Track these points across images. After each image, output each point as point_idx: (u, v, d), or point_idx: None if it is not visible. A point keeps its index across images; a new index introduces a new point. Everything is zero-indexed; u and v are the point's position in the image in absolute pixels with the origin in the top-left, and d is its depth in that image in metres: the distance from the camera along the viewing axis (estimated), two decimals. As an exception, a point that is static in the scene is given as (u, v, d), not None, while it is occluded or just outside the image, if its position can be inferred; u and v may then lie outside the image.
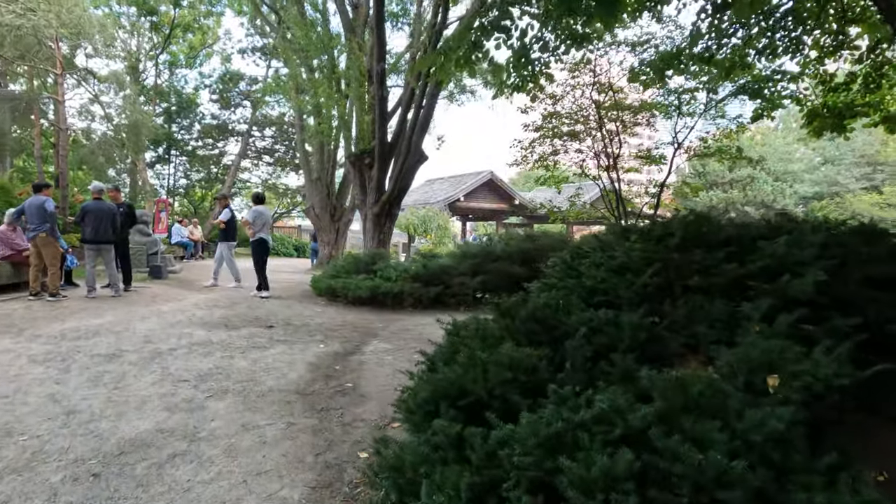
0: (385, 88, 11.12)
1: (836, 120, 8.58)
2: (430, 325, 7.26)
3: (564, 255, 3.92)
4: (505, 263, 8.34)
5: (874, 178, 38.68)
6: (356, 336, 6.48)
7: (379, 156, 11.31)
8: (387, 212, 11.84)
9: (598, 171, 11.01)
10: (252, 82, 25.95)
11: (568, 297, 3.31)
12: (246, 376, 4.74)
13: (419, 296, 8.23)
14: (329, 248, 16.44)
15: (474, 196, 33.59)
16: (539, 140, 11.46)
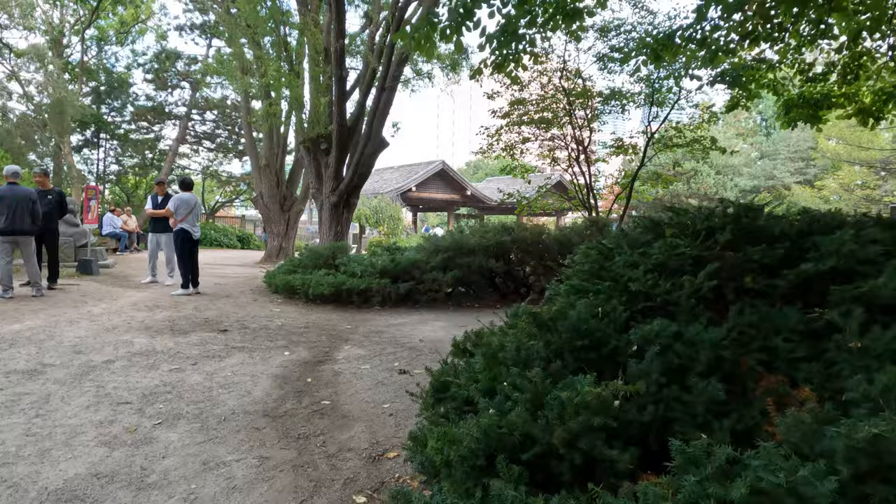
0: (344, 68, 10.33)
1: (811, 111, 8.45)
2: (402, 325, 6.63)
3: (590, 253, 3.36)
4: (480, 257, 7.79)
5: (807, 172, 40.54)
6: (324, 340, 5.77)
7: (337, 141, 10.52)
8: (345, 201, 11.07)
9: (570, 160, 10.62)
10: (191, 62, 24.27)
11: (607, 303, 2.77)
12: (201, 395, 3.98)
13: (388, 293, 7.57)
14: (279, 239, 15.46)
15: (426, 186, 32.96)
16: (506, 127, 10.95)
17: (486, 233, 7.98)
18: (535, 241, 7.86)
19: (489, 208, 37.73)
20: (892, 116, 8.70)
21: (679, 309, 2.61)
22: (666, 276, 2.90)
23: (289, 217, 15.64)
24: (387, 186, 30.78)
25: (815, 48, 8.16)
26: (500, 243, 7.77)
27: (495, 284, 8.71)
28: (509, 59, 6.40)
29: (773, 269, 2.84)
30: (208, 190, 31.51)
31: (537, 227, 8.39)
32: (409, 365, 4.89)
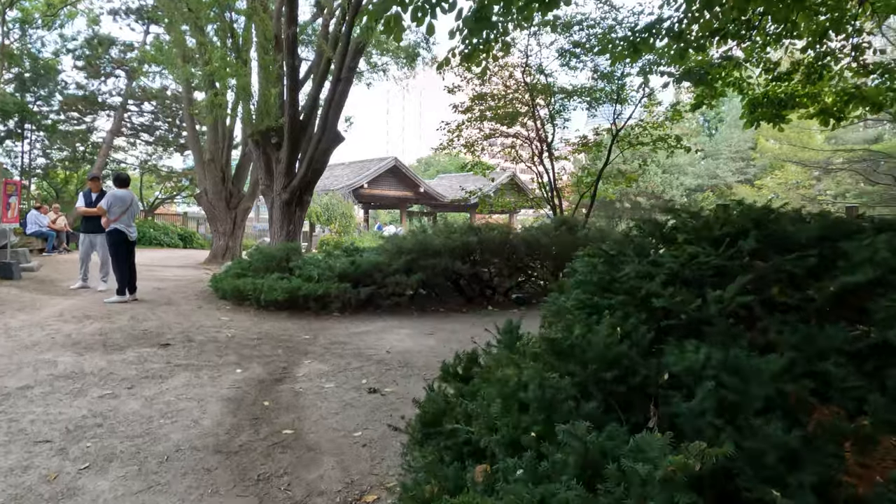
0: (297, 57, 9.69)
1: (775, 110, 8.43)
2: (366, 334, 6.14)
3: (594, 262, 2.98)
4: (446, 259, 7.37)
5: (747, 171, 42.08)
6: (281, 354, 5.21)
7: (289, 135, 9.86)
8: (298, 199, 10.42)
9: (533, 157, 10.33)
10: (127, 49, 22.74)
11: (624, 321, 2.40)
12: (139, 427, 3.40)
13: (348, 298, 7.05)
14: (225, 238, 14.58)
15: (378, 183, 32.28)
16: (468, 122, 10.57)
17: (452, 233, 7.56)
18: (503, 242, 7.51)
19: (442, 206, 37.35)
20: (853, 117, 8.77)
21: (714, 329, 2.26)
22: (685, 289, 2.56)
23: (235, 215, 14.78)
24: (338, 183, 29.93)
25: (779, 47, 8.16)
26: (467, 244, 7.38)
27: (460, 287, 8.32)
28: (479, 49, 6.01)
29: (804, 281, 2.54)
30: (147, 186, 29.79)
31: (505, 227, 8.05)
32: (379, 382, 4.43)
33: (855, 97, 7.95)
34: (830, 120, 8.42)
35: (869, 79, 7.87)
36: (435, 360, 5.01)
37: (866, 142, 27.85)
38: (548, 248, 7.65)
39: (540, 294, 8.64)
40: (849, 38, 7.60)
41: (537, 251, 7.77)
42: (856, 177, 23.02)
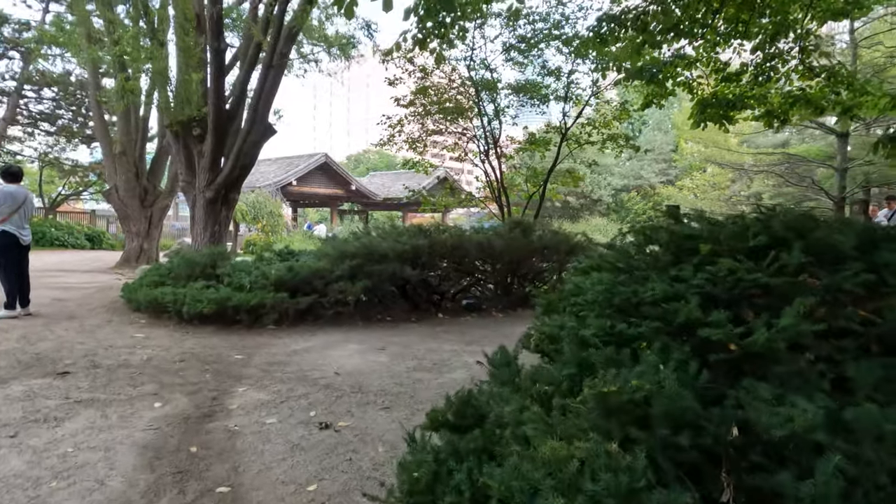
0: (222, 40, 8.75)
1: (723, 111, 8.39)
2: (308, 351, 5.44)
3: (604, 278, 2.50)
4: (394, 264, 6.76)
5: (669, 173, 43.88)
6: (209, 380, 4.44)
7: (213, 126, 8.91)
8: (224, 197, 9.46)
9: (480, 155, 9.89)
10: (22, 28, 20.46)
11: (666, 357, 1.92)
12: (22, 497, 2.61)
13: (285, 309, 6.31)
14: (140, 239, 13.24)
15: (308, 180, 31.05)
16: (410, 117, 9.98)
17: (401, 236, 6.96)
18: (456, 245, 6.99)
19: (374, 204, 36.55)
20: (797, 119, 8.88)
21: (786, 370, 1.81)
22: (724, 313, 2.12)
23: (151, 214, 13.46)
24: (265, 180, 28.46)
25: (728, 46, 8.13)
26: (417, 248, 6.80)
27: (406, 293, 7.73)
28: (433, 34, 5.48)
29: (860, 301, 2.16)
30: (48, 180, 27.11)
31: (457, 229, 7.54)
32: (330, 413, 3.78)
33: (799, 100, 8.00)
34: (775, 121, 8.48)
35: (814, 82, 7.94)
36: (392, 383, 4.42)
37: (774, 146, 29.52)
38: (501, 252, 7.22)
39: (491, 299, 8.21)
40: (797, 40, 7.62)
41: (490, 254, 7.32)
42: (775, 179, 24.25)
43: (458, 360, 5.15)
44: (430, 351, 5.49)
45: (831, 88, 7.86)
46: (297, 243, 22.47)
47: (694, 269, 2.37)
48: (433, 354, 5.35)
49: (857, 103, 7.93)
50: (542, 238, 7.43)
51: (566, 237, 7.71)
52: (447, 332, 6.42)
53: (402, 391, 4.23)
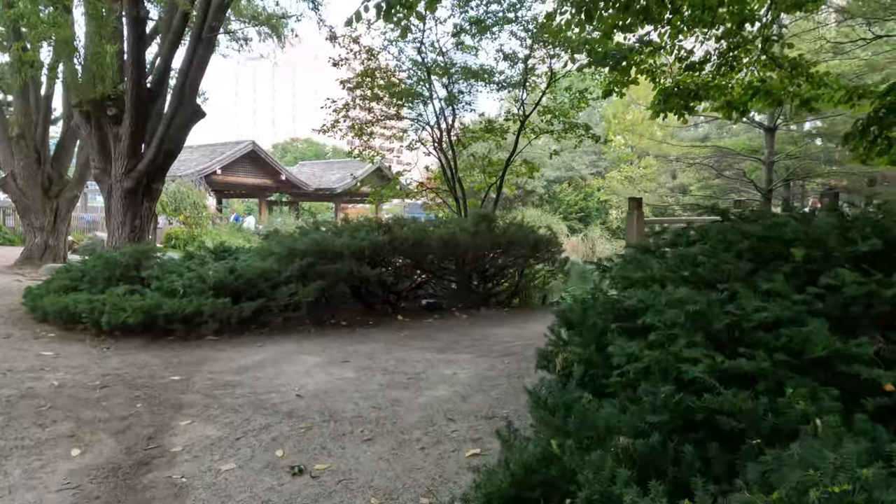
0: (142, 7, 7.66)
1: (684, 101, 8.23)
2: (259, 367, 4.69)
3: (693, 298, 1.98)
4: (350, 263, 6.07)
5: (599, 165, 44.87)
6: (142, 412, 3.63)
7: (133, 105, 7.79)
8: (146, 187, 8.36)
9: (433, 143, 9.29)
10: None
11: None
12: None
13: (227, 316, 5.48)
14: (44, 234, 11.70)
15: (234, 169, 29.27)
16: (357, 100, 9.22)
17: (357, 231, 6.26)
18: (418, 242, 6.37)
19: (305, 195, 35.15)
20: (756, 110, 8.84)
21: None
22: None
23: (57, 205, 11.91)
24: (186, 168, 26.49)
25: (691, 34, 7.98)
26: (375, 245, 6.13)
27: (360, 293, 7.05)
28: (401, 4, 4.87)
29: None
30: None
31: (419, 223, 6.92)
32: (302, 451, 3.10)
33: (759, 91, 7.92)
34: (734, 112, 8.41)
35: (776, 73, 7.89)
36: (367, 406, 3.78)
37: (695, 140, 30.74)
38: (466, 248, 6.68)
39: (452, 298, 7.67)
40: (762, 29, 7.51)
41: (454, 251, 6.76)
42: (701, 172, 25.11)
43: (435, 372, 4.56)
44: (400, 362, 4.87)
45: (791, 80, 7.82)
46: (225, 236, 21.05)
47: (787, 280, 1.91)
48: (404, 366, 4.74)
49: (815, 96, 7.92)
50: (508, 232, 6.95)
51: (531, 231, 7.27)
52: (412, 338, 5.81)
53: (380, 416, 3.60)
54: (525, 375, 4.42)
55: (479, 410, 3.69)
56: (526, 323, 6.49)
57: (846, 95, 7.89)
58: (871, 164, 6.98)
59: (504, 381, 4.32)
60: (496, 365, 4.75)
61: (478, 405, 3.79)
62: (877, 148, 6.74)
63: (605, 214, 43.79)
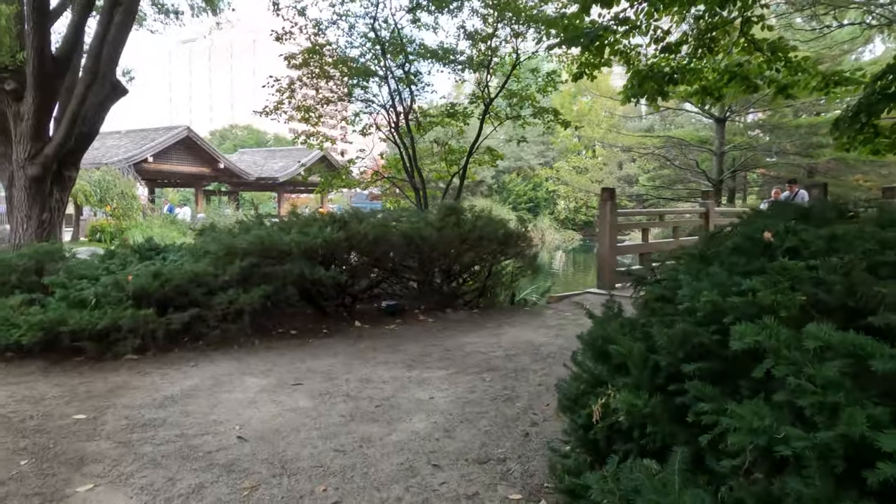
0: (44, -40, 6.48)
1: (659, 85, 7.76)
2: (190, 396, 3.84)
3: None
4: (301, 263, 5.24)
5: (547, 155, 44.95)
6: (27, 474, 2.73)
7: (37, 79, 6.64)
8: (56, 174, 7.20)
9: (389, 128, 8.48)
10: None
11: None
12: None
13: (150, 331, 4.57)
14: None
15: (167, 157, 27.35)
16: (303, 79, 8.30)
17: (308, 226, 5.42)
18: (380, 238, 5.60)
19: (246, 184, 33.48)
20: (731, 96, 8.53)
21: None
22: None
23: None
24: (114, 155, 24.48)
25: (668, 12, 7.52)
26: (331, 242, 5.31)
27: (311, 296, 6.22)
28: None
29: None
30: None
31: (380, 219, 6.12)
32: (246, 527, 2.32)
33: (736, 76, 7.54)
34: (708, 98, 8.04)
35: (753, 56, 7.53)
36: (328, 449, 3.02)
37: (640, 130, 31.05)
38: (432, 244, 5.96)
39: (414, 298, 6.94)
40: (741, 10, 7.10)
41: (419, 247, 6.02)
42: (650, 161, 25.27)
43: (407, 396, 3.84)
44: (365, 382, 4.12)
45: (769, 64, 7.45)
46: (157, 229, 19.49)
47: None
48: (370, 388, 3.99)
49: (793, 82, 7.60)
50: (477, 227, 6.27)
51: (501, 225, 6.63)
52: (375, 350, 5.05)
53: (346, 464, 2.85)
54: (513, 398, 3.77)
55: (469, 451, 3.00)
56: (500, 328, 5.84)
57: (822, 82, 7.60)
58: (853, 152, 6.72)
59: (490, 406, 3.64)
60: (477, 384, 4.07)
61: (466, 443, 3.10)
62: (860, 136, 6.45)
63: (554, 204, 43.98)
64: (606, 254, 7.56)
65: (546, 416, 3.44)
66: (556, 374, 4.27)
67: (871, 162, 21.60)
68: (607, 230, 7.54)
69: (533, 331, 5.70)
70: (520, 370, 4.37)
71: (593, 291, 7.49)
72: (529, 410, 3.55)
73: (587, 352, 2.27)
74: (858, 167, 22.37)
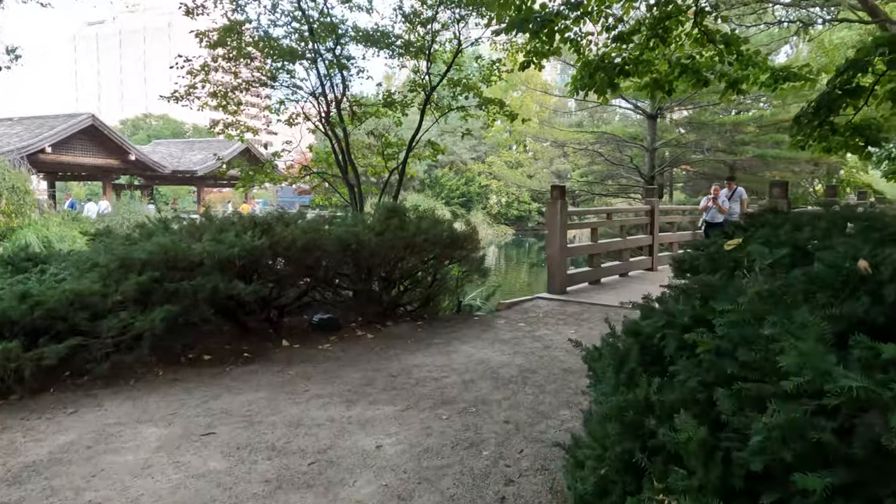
0: None
1: (610, 76, 7.36)
2: (62, 462, 2.96)
3: None
4: (215, 277, 4.36)
5: (479, 149, 44.75)
6: None
7: None
8: None
9: (319, 117, 7.61)
10: None
11: None
12: None
13: (14, 369, 3.59)
14: None
15: (69, 147, 24.86)
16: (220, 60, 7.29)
17: (224, 232, 4.53)
18: (312, 245, 4.79)
19: (161, 177, 31.17)
20: (683, 89, 8.27)
21: None
22: None
23: None
24: (3, 145, 21.90)
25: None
26: (251, 251, 4.47)
27: (229, 312, 5.33)
28: None
29: None
30: None
31: (312, 221, 5.29)
32: None
33: (687, 69, 7.24)
34: (658, 92, 7.75)
35: (705, 49, 7.26)
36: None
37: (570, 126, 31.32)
38: (372, 251, 5.21)
39: (350, 308, 6.18)
40: (697, 0, 6.80)
41: (357, 254, 5.26)
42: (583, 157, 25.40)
43: (350, 445, 3.11)
44: (294, 427, 3.35)
45: (721, 58, 7.20)
46: (55, 228, 17.52)
47: None
48: (302, 436, 3.23)
49: (743, 76, 7.39)
50: (422, 229, 5.58)
51: (448, 227, 5.97)
52: (307, 378, 4.27)
53: (272, 564, 2.10)
54: (478, 443, 3.13)
55: (434, 530, 2.33)
56: (450, 345, 5.19)
57: (771, 78, 7.44)
58: (808, 149, 6.55)
59: (452, 456, 2.98)
60: (433, 424, 3.40)
61: (430, 518, 2.43)
62: (816, 133, 6.26)
63: (486, 199, 43.86)
64: (557, 256, 7.08)
65: (522, 470, 2.81)
66: (523, 404, 3.68)
67: (786, 160, 22.62)
68: (558, 231, 7.06)
69: (487, 347, 5.08)
70: (480, 402, 3.74)
71: (544, 297, 6.99)
72: (500, 461, 2.92)
73: (607, 423, 1.64)
74: (775, 164, 23.42)
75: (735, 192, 10.49)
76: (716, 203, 10.24)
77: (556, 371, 4.36)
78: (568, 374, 4.30)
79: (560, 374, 4.30)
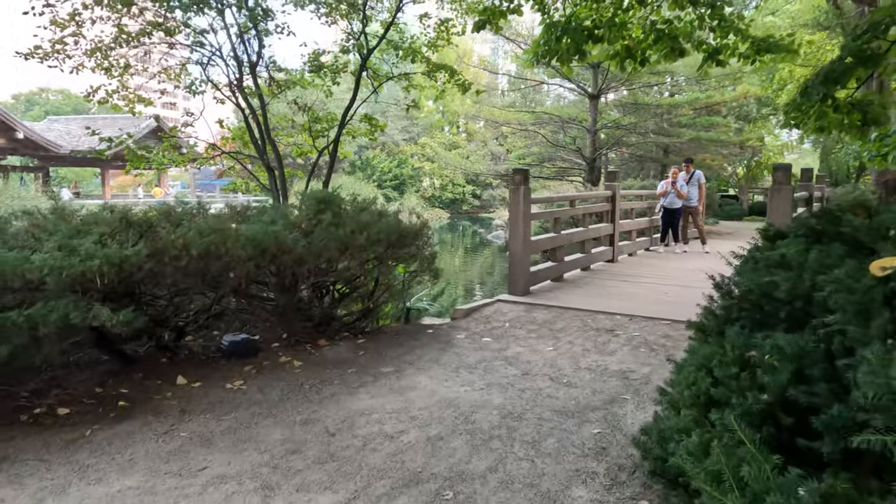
0: None
1: (578, 42, 6.37)
2: None
3: None
4: (67, 301, 3.00)
5: (411, 130, 43.32)
6: None
7: None
8: None
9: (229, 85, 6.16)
10: None
11: None
12: None
13: None
14: None
15: (-61, 123, 21.44)
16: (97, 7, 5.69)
17: (77, 237, 3.15)
18: (213, 253, 3.48)
19: (58, 158, 27.90)
20: (657, 59, 7.34)
21: None
22: None
23: None
24: None
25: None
26: (122, 264, 3.12)
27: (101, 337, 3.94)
28: None
29: None
30: None
31: (214, 219, 3.95)
32: None
33: (664, 35, 6.37)
34: (630, 62, 6.83)
35: (684, 13, 6.39)
36: None
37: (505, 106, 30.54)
38: (299, 256, 3.96)
39: (271, 325, 4.90)
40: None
41: (279, 260, 4.00)
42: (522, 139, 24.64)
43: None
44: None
45: (702, 23, 6.37)
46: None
47: None
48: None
49: (723, 45, 6.58)
50: (363, 225, 4.38)
51: (395, 221, 4.79)
52: (207, 443, 3.02)
53: None
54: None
55: None
56: (403, 375, 4.04)
57: (752, 48, 6.65)
58: (803, 128, 5.85)
59: None
60: (395, 528, 2.27)
61: None
62: (814, 110, 5.52)
63: (420, 182, 42.57)
64: (520, 251, 6.06)
65: None
66: (517, 480, 2.61)
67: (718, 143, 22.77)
68: (521, 221, 6.03)
69: (452, 377, 3.97)
70: (457, 478, 2.63)
71: (507, 300, 5.96)
72: None
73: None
74: (708, 147, 23.55)
75: (693, 175, 9.88)
76: (674, 187, 9.59)
77: (547, 415, 3.32)
78: (563, 418, 3.28)
79: (553, 419, 3.27)
